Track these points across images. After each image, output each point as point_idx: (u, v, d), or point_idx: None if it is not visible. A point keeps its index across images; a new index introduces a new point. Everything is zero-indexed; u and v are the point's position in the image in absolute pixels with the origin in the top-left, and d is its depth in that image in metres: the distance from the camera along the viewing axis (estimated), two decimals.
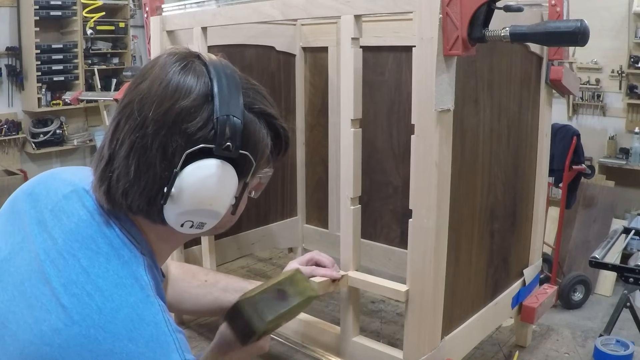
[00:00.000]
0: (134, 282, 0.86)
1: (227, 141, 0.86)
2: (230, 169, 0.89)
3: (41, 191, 0.98)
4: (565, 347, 1.81)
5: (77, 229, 0.89)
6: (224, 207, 0.92)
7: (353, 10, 1.28)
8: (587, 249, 4.85)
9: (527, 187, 1.71)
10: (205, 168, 0.86)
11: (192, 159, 0.86)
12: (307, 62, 2.29)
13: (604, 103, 5.55)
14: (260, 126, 0.93)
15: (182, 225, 0.90)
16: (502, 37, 1.10)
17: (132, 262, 0.88)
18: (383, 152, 2.02)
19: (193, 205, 0.88)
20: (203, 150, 0.86)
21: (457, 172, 1.27)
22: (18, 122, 5.49)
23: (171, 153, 0.85)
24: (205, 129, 0.86)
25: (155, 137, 0.85)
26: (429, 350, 1.28)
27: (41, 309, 0.83)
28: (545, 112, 1.70)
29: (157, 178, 0.86)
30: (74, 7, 5.43)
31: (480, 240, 1.49)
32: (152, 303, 0.86)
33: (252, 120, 0.92)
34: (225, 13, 1.67)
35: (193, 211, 0.89)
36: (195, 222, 0.91)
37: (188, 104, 0.85)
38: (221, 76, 0.89)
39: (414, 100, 1.20)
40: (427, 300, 1.25)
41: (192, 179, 0.86)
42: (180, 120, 0.85)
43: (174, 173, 0.86)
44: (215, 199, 0.89)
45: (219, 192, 0.89)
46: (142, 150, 0.86)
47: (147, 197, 0.88)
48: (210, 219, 0.92)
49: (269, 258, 2.73)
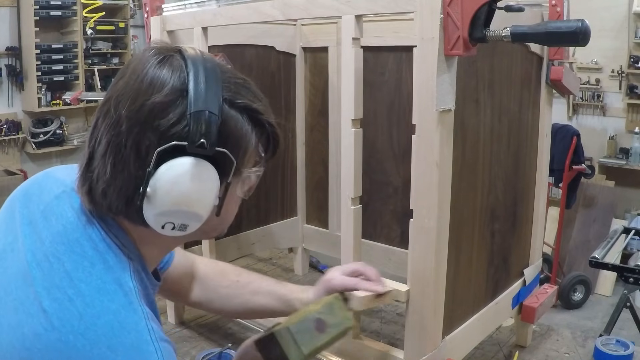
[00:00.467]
0: (117, 288, 0.83)
1: (201, 138, 0.81)
2: (208, 167, 0.84)
3: (35, 191, 0.97)
4: (565, 347, 1.81)
5: (64, 231, 0.87)
6: (204, 208, 0.87)
7: (354, 10, 1.28)
8: (587, 249, 4.85)
9: (527, 187, 1.71)
10: (178, 167, 0.82)
11: (166, 158, 0.82)
12: (307, 62, 2.29)
13: (604, 103, 5.55)
14: (242, 122, 0.88)
15: (163, 227, 0.86)
16: (503, 37, 1.10)
17: (116, 266, 0.85)
18: (383, 152, 2.02)
19: (169, 205, 0.83)
20: (177, 148, 0.81)
21: (458, 172, 1.27)
22: (18, 122, 5.49)
23: (144, 151, 0.82)
24: (179, 126, 0.81)
25: (129, 135, 0.82)
26: (430, 350, 1.28)
27: (24, 312, 0.81)
28: (546, 112, 1.70)
29: (132, 177, 0.83)
30: (74, 7, 5.42)
31: (480, 240, 1.49)
32: (135, 310, 0.83)
33: (233, 115, 0.86)
34: (226, 13, 1.67)
35: (171, 212, 0.84)
36: (176, 224, 0.86)
37: (160, 99, 0.82)
38: (199, 69, 0.84)
39: (415, 100, 1.20)
40: (428, 300, 1.25)
41: (165, 179, 0.82)
42: (152, 117, 0.81)
43: (147, 172, 0.82)
44: (193, 200, 0.85)
45: (195, 192, 0.84)
46: (117, 149, 0.83)
47: (124, 197, 0.84)
48: (192, 221, 0.87)
49: (269, 258, 2.73)
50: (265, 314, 1.35)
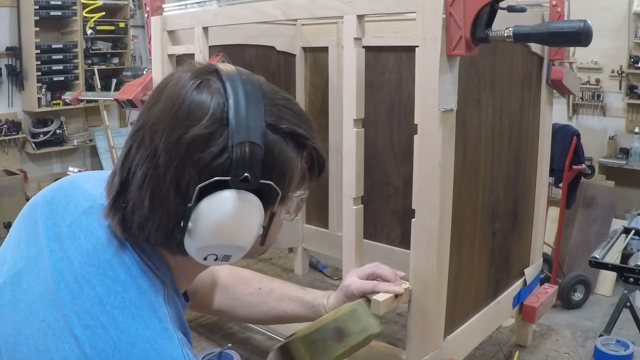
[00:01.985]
0: (152, 314, 0.80)
1: (245, 171, 0.78)
2: (252, 199, 0.81)
3: (60, 201, 0.93)
4: (565, 347, 1.81)
5: (95, 251, 0.84)
6: (248, 240, 0.84)
7: (356, 10, 1.28)
8: (587, 249, 4.85)
9: (528, 187, 1.71)
10: (220, 202, 0.79)
11: (208, 192, 0.78)
12: (308, 62, 2.29)
13: (604, 103, 5.55)
14: (287, 148, 0.84)
15: (206, 259, 0.84)
16: (505, 37, 1.10)
17: (150, 291, 0.82)
18: (383, 152, 2.02)
19: (212, 240, 0.81)
20: (219, 182, 0.78)
21: (459, 172, 1.27)
22: (18, 122, 5.49)
23: (184, 187, 0.78)
24: (220, 159, 0.78)
25: (167, 168, 0.78)
26: (431, 350, 1.28)
27: (53, 336, 0.79)
28: (546, 112, 1.70)
29: (172, 212, 0.80)
30: (74, 7, 5.43)
31: (482, 240, 1.49)
32: (171, 337, 0.80)
33: (277, 142, 0.82)
34: (227, 13, 1.67)
35: (214, 246, 0.82)
36: (219, 256, 0.84)
37: (200, 132, 0.77)
38: (239, 94, 0.80)
39: (417, 101, 1.20)
40: (430, 300, 1.25)
41: (208, 214, 0.79)
42: (192, 150, 0.77)
43: (188, 208, 0.78)
44: (237, 233, 0.82)
45: (240, 226, 0.81)
46: (155, 183, 0.79)
47: (164, 232, 0.81)
48: (235, 252, 0.85)
49: (269, 258, 2.72)
50: (291, 320, 1.33)
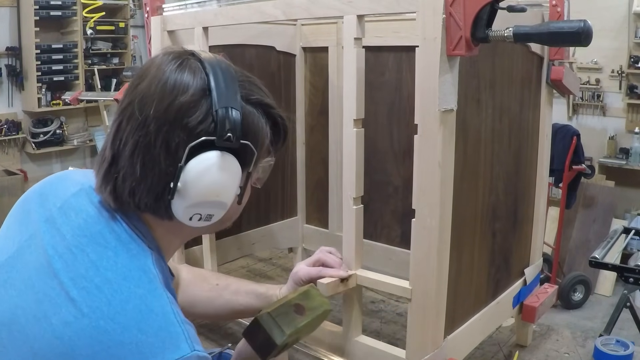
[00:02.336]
0: (142, 275, 0.87)
1: (228, 132, 0.88)
2: (232, 159, 0.91)
3: (50, 191, 1.00)
4: (565, 347, 1.81)
5: (86, 224, 0.91)
6: (229, 197, 0.94)
7: (356, 10, 1.28)
8: (587, 249, 4.85)
9: (528, 187, 1.71)
10: (208, 160, 0.88)
11: (195, 153, 0.88)
12: (307, 62, 2.29)
13: (604, 103, 5.56)
14: (258, 116, 0.96)
15: (191, 219, 0.92)
16: (505, 37, 1.10)
17: (140, 255, 0.90)
18: (383, 152, 2.02)
19: (200, 197, 0.90)
20: (205, 143, 0.88)
21: (459, 172, 1.27)
22: (18, 122, 5.49)
23: (174, 148, 0.87)
24: (206, 122, 0.88)
25: (158, 134, 0.87)
26: (431, 349, 1.28)
27: (50, 302, 0.84)
28: (546, 112, 1.70)
29: (163, 174, 0.88)
30: (74, 7, 5.43)
31: (482, 239, 1.50)
32: (161, 295, 0.87)
33: (251, 111, 0.94)
34: (227, 13, 1.67)
35: (200, 203, 0.90)
36: (203, 215, 0.93)
37: (187, 99, 0.88)
38: (217, 70, 0.91)
39: (417, 101, 1.20)
40: (430, 299, 1.26)
41: (197, 172, 0.88)
42: (180, 116, 0.87)
43: (178, 168, 0.87)
44: (221, 190, 0.92)
45: (223, 183, 0.91)
46: (146, 149, 0.88)
47: (154, 194, 0.90)
48: (218, 210, 0.94)
49: (269, 258, 2.73)
50: (246, 312, 1.41)
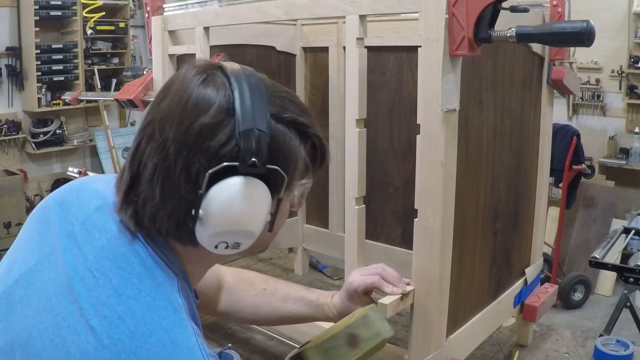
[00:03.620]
0: (167, 305, 0.82)
1: (252, 157, 0.81)
2: (260, 185, 0.84)
3: (72, 201, 0.95)
4: (565, 347, 1.81)
5: (109, 246, 0.86)
6: (257, 226, 0.87)
7: (358, 10, 1.28)
8: (587, 249, 4.85)
9: (528, 186, 1.71)
10: (230, 187, 0.81)
11: (217, 178, 0.81)
12: (308, 62, 2.29)
13: (604, 103, 5.56)
14: (291, 137, 0.87)
15: (217, 247, 0.86)
16: (508, 37, 1.10)
17: (165, 283, 0.84)
18: (384, 152, 2.02)
19: (223, 226, 0.83)
20: (228, 168, 0.81)
21: (461, 172, 1.27)
22: (18, 122, 5.48)
23: (195, 174, 0.81)
24: (228, 146, 0.81)
25: (177, 158, 0.81)
26: (434, 349, 1.28)
27: (69, 329, 0.79)
28: (547, 112, 1.71)
29: (184, 201, 0.82)
30: (74, 7, 5.42)
31: (483, 239, 1.50)
32: (186, 327, 0.82)
33: (281, 131, 0.86)
34: (228, 13, 1.67)
35: (224, 232, 0.84)
36: (230, 243, 0.86)
37: (208, 121, 0.81)
38: (243, 87, 0.84)
39: (419, 101, 1.20)
40: (432, 299, 1.26)
41: (218, 200, 0.81)
42: (201, 139, 0.81)
43: (198, 195, 0.81)
44: (247, 219, 0.84)
45: (249, 211, 0.84)
46: (166, 173, 0.82)
47: (175, 221, 0.84)
48: (245, 239, 0.87)
49: (269, 258, 2.73)
50: (296, 320, 1.34)
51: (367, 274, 1.24)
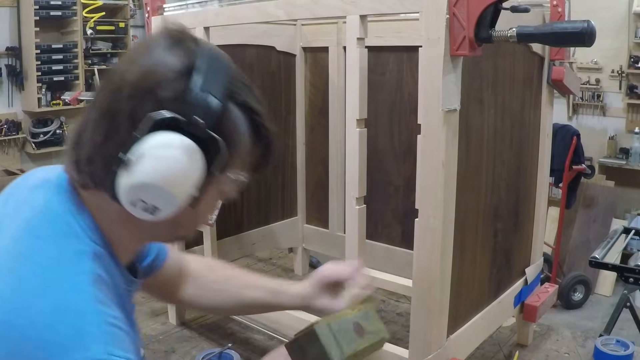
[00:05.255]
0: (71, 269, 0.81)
1: (200, 118, 0.80)
2: (195, 150, 0.81)
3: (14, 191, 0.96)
4: (566, 347, 1.81)
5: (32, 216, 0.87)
6: (180, 192, 0.82)
7: (359, 10, 1.28)
8: (587, 249, 4.84)
9: (529, 186, 1.71)
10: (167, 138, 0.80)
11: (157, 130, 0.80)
12: (308, 62, 2.30)
13: (604, 103, 5.55)
14: (242, 120, 0.86)
15: (134, 205, 0.82)
16: (508, 37, 1.10)
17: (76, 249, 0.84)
18: (384, 152, 2.02)
19: (146, 176, 0.80)
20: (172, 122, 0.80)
21: (462, 172, 1.27)
22: (18, 122, 5.47)
23: (138, 119, 0.80)
24: (178, 101, 0.80)
25: (128, 100, 0.81)
26: (435, 349, 1.28)
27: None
28: (547, 112, 1.71)
29: (120, 144, 0.80)
30: (74, 7, 5.41)
31: (484, 239, 1.50)
32: (85, 291, 0.80)
33: (234, 110, 0.84)
34: (228, 13, 1.67)
35: (145, 185, 0.80)
36: (148, 203, 0.82)
37: (169, 74, 0.81)
38: (211, 57, 0.84)
39: (420, 101, 1.20)
40: (433, 299, 1.26)
41: (150, 147, 0.79)
42: (155, 87, 0.80)
43: (133, 137, 0.79)
44: (171, 178, 0.81)
45: (175, 171, 0.80)
46: (114, 114, 0.81)
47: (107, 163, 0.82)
48: (165, 204, 0.83)
49: (269, 258, 2.73)
50: (255, 307, 1.34)
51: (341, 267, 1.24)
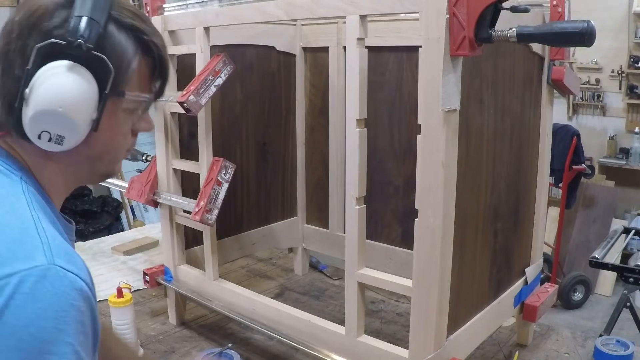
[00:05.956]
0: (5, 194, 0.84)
1: (79, 39, 0.84)
2: (84, 71, 0.86)
3: None
4: (565, 347, 1.81)
5: None
6: (79, 116, 0.86)
7: (359, 10, 1.28)
8: (587, 249, 4.85)
9: (529, 186, 1.71)
10: (54, 66, 0.84)
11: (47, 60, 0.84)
12: (307, 62, 2.29)
13: (604, 103, 5.55)
14: (127, 39, 0.90)
15: (40, 137, 0.86)
16: (508, 37, 1.10)
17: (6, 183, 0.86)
18: (384, 152, 2.02)
19: (42, 105, 0.84)
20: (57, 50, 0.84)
21: (462, 172, 1.27)
22: None
23: (28, 53, 0.84)
24: (61, 29, 0.85)
25: (18, 39, 0.86)
26: (435, 349, 1.28)
27: None
28: (547, 112, 1.71)
29: (15, 80, 0.85)
30: None
31: (484, 239, 1.50)
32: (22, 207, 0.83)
33: (117, 31, 0.89)
34: (228, 13, 1.67)
35: (44, 114, 0.84)
36: (52, 134, 0.86)
37: (49, 6, 0.86)
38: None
39: (420, 101, 1.20)
40: (433, 299, 1.25)
41: (41, 77, 0.84)
42: (39, 21, 0.85)
43: (25, 71, 0.84)
44: (63, 101, 0.84)
45: (68, 93, 0.85)
46: (6, 56, 0.86)
47: (7, 104, 0.86)
48: (68, 131, 0.86)
49: (269, 258, 2.73)
50: None
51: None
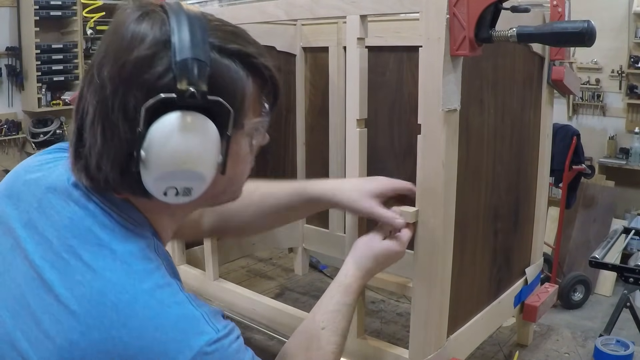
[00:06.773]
0: (144, 267, 0.78)
1: (190, 87, 0.75)
2: (203, 120, 0.77)
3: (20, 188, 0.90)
4: (566, 347, 1.81)
5: (71, 223, 0.81)
6: (205, 166, 0.80)
7: (359, 10, 1.28)
8: (587, 249, 4.86)
9: (529, 186, 1.71)
10: (169, 122, 0.75)
11: (157, 116, 0.75)
12: (308, 62, 2.29)
13: (604, 103, 5.56)
14: (236, 68, 0.82)
15: (166, 194, 0.79)
16: (509, 37, 1.10)
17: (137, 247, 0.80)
18: (384, 152, 2.02)
19: (165, 167, 0.76)
20: (166, 102, 0.75)
21: (462, 172, 1.27)
22: (18, 122, 5.48)
23: (132, 111, 0.76)
24: (165, 78, 0.75)
25: (114, 96, 0.76)
26: (435, 349, 1.28)
27: (50, 321, 0.75)
28: (547, 112, 1.71)
29: (124, 142, 0.77)
30: (74, 7, 5.42)
31: (484, 239, 1.50)
32: (170, 284, 0.78)
33: (224, 62, 0.81)
34: (228, 13, 1.67)
35: (169, 174, 0.77)
36: (179, 188, 0.79)
37: (143, 54, 0.76)
38: (181, 18, 0.78)
39: (420, 101, 1.20)
40: (433, 299, 1.25)
41: (157, 137, 0.75)
42: (137, 73, 0.76)
43: (137, 133, 0.75)
44: (191, 157, 0.77)
45: (192, 149, 0.77)
46: (105, 114, 0.77)
47: (118, 167, 0.79)
48: (195, 183, 0.80)
49: (269, 258, 2.73)
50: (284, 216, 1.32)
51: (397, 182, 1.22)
